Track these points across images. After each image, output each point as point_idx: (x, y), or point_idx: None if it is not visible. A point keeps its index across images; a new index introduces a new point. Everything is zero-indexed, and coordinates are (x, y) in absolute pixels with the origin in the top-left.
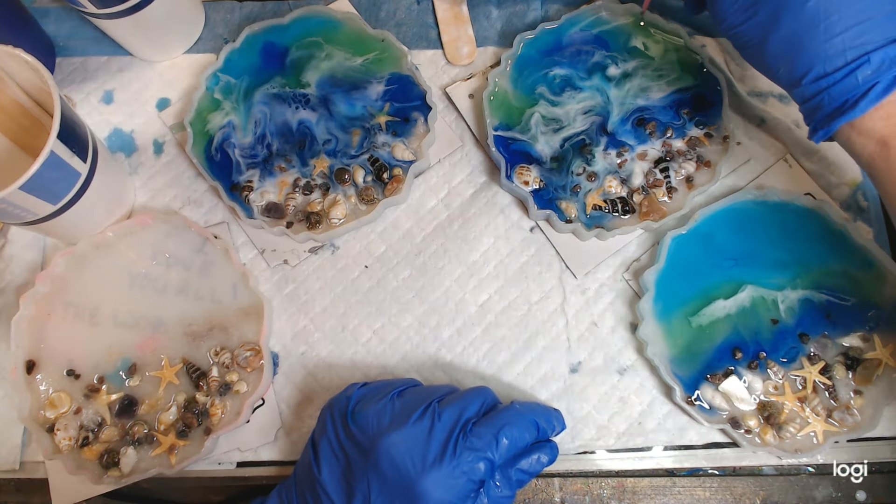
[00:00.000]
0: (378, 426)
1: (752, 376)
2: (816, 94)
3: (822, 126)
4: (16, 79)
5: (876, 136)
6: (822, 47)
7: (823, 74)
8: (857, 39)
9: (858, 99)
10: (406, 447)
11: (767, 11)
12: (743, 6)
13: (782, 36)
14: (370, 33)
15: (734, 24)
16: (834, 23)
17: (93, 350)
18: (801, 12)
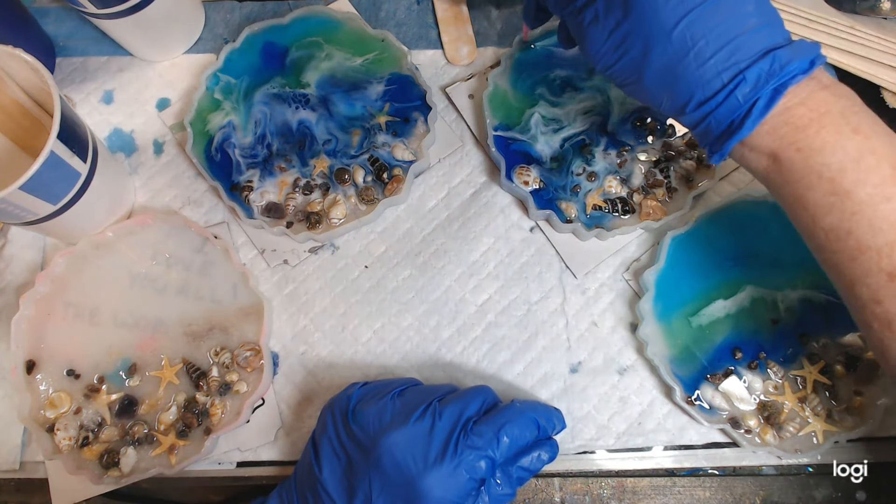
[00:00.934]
0: (379, 425)
1: (752, 376)
2: (702, 119)
3: (715, 149)
4: (16, 79)
5: (766, 150)
6: (696, 74)
7: (704, 100)
8: (728, 60)
9: (743, 118)
10: (407, 446)
11: (637, 48)
12: (613, 45)
13: (657, 69)
14: (370, 33)
15: (608, 65)
16: (703, 48)
17: (93, 350)
18: (668, 44)
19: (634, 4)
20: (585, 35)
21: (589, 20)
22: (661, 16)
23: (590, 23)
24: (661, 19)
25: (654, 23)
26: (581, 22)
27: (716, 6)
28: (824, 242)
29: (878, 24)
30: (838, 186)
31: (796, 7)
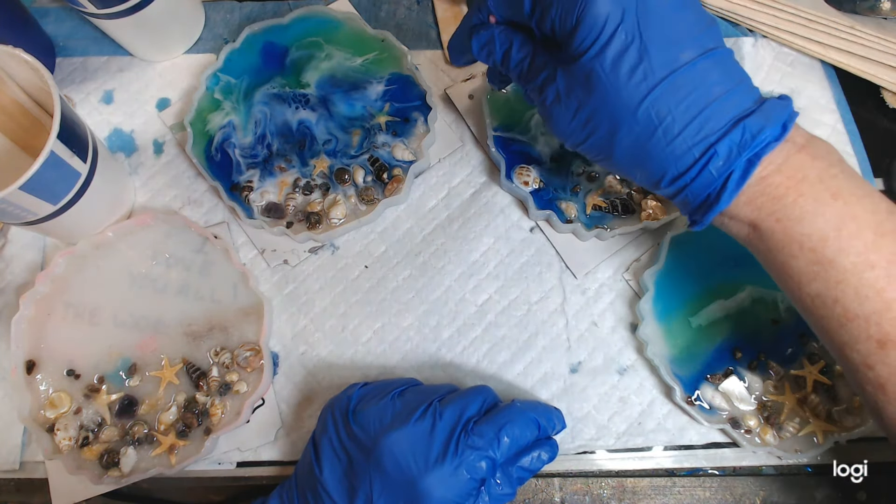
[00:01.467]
0: (379, 425)
1: (752, 376)
2: (678, 192)
3: (696, 220)
4: (16, 79)
5: (745, 220)
6: (667, 151)
7: (678, 175)
8: (698, 135)
9: (719, 192)
10: (408, 446)
11: (604, 127)
12: (579, 124)
13: (626, 147)
14: (370, 33)
15: (576, 143)
16: (670, 124)
17: (93, 350)
18: (634, 122)
19: (596, 85)
20: (549, 114)
21: (551, 99)
22: (623, 95)
23: (552, 102)
24: (624, 98)
25: (618, 102)
26: (544, 101)
27: (678, 81)
28: (811, 308)
29: (878, 24)
30: (821, 256)
31: (796, 7)
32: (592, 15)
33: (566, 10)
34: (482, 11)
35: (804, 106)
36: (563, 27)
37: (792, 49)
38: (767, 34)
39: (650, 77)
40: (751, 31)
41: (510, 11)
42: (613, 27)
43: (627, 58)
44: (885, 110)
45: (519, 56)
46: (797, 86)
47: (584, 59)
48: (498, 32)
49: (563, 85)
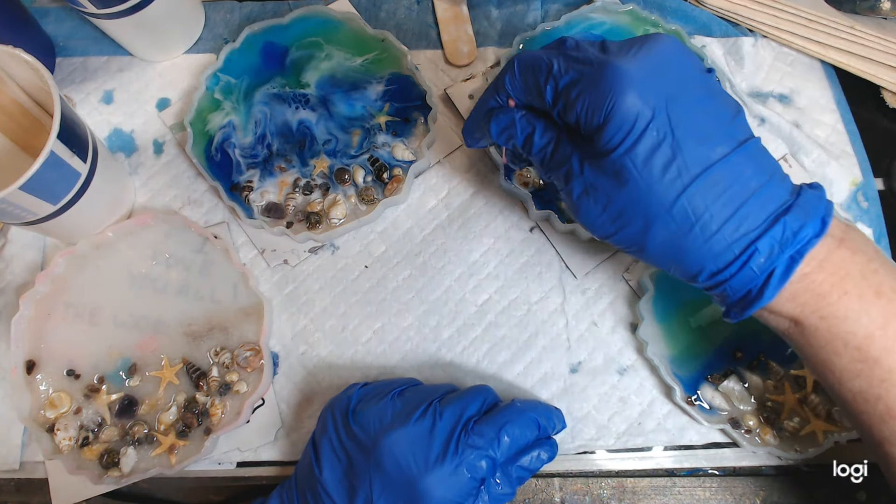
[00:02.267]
0: (379, 425)
1: (752, 376)
2: (716, 286)
3: (735, 313)
4: (16, 79)
5: (787, 315)
6: (704, 248)
7: (717, 271)
8: (737, 232)
9: (761, 288)
10: (408, 445)
11: (636, 223)
12: (610, 218)
13: (660, 243)
14: (370, 33)
15: (606, 235)
16: (707, 221)
17: (93, 350)
18: (669, 219)
19: (627, 181)
20: (577, 207)
21: (578, 192)
22: (657, 192)
23: (580, 195)
24: (658, 195)
25: (651, 199)
26: (570, 193)
27: (714, 177)
28: (851, 403)
29: (878, 24)
30: (866, 354)
31: (796, 7)
32: (622, 112)
33: (593, 106)
34: (500, 94)
35: (804, 106)
36: (590, 122)
37: (792, 49)
38: (767, 34)
39: (685, 174)
40: (751, 31)
41: (530, 98)
42: (644, 124)
43: (660, 154)
44: (885, 110)
45: (542, 142)
46: (797, 86)
47: (613, 155)
48: (519, 117)
49: (591, 179)
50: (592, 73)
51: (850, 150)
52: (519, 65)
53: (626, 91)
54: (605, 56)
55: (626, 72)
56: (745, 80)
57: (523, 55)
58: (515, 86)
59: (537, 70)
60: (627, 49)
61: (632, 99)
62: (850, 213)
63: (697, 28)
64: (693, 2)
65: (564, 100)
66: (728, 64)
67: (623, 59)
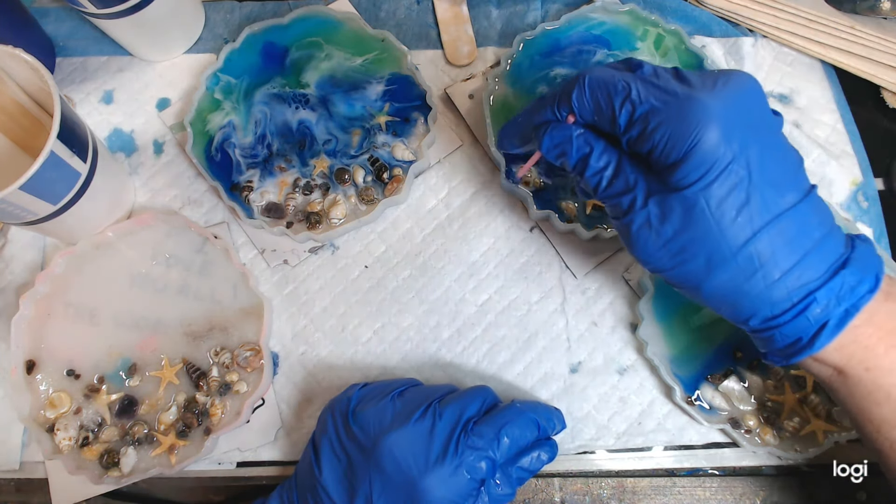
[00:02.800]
0: (379, 426)
1: (752, 376)
2: (766, 330)
3: (779, 359)
4: (16, 79)
5: (832, 364)
6: (764, 294)
7: (771, 317)
8: (798, 281)
9: (812, 337)
10: (408, 446)
11: (698, 262)
12: (670, 253)
13: (720, 284)
14: (370, 33)
15: (661, 269)
16: (771, 268)
17: (93, 350)
18: (734, 262)
19: (698, 219)
20: (635, 238)
21: (639, 224)
22: (727, 234)
23: (640, 226)
24: (728, 238)
25: (720, 241)
26: (629, 224)
27: (782, 225)
28: (888, 452)
29: (878, 24)
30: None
31: (796, 7)
32: (704, 150)
33: (675, 139)
34: (562, 109)
35: (804, 106)
36: (667, 155)
37: (792, 49)
38: (767, 34)
39: (756, 219)
40: (751, 31)
41: (598, 119)
42: (724, 164)
43: (735, 196)
44: (885, 110)
45: (598, 165)
46: (797, 86)
47: (687, 191)
48: (577, 135)
49: (655, 212)
50: (677, 106)
51: (849, 150)
52: (591, 83)
53: (711, 128)
54: (689, 89)
55: (712, 108)
56: None
57: (595, 73)
58: (583, 104)
59: (613, 92)
60: (711, 84)
61: (716, 137)
62: (850, 213)
63: (697, 28)
64: (693, 2)
65: (640, 128)
66: (728, 64)
67: (709, 94)
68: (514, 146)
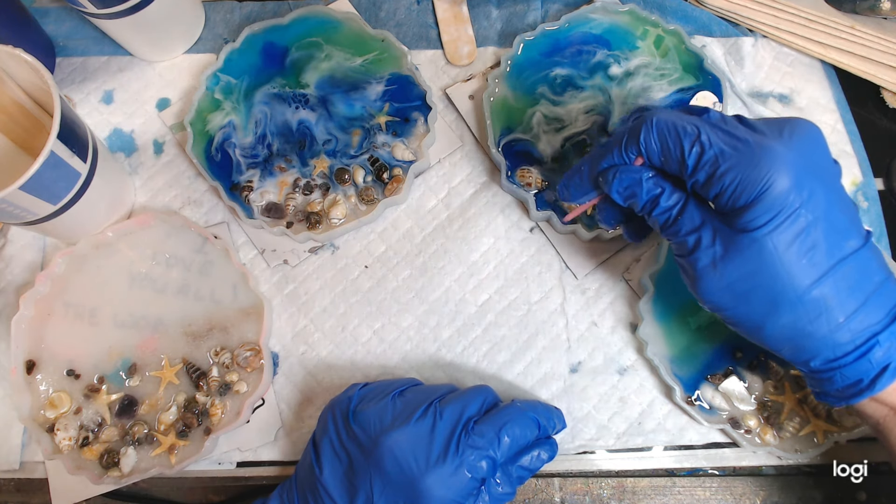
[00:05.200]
0: (380, 425)
1: (752, 376)
2: (826, 371)
3: (835, 400)
4: (16, 79)
5: (889, 404)
6: (828, 337)
7: (833, 359)
8: (861, 324)
9: (874, 379)
10: (409, 445)
11: (762, 302)
12: (733, 294)
13: (783, 325)
14: (370, 33)
15: (724, 307)
16: (836, 311)
17: (93, 350)
18: (799, 304)
19: (766, 262)
20: (700, 276)
21: (704, 263)
22: (793, 276)
23: (705, 266)
24: (795, 281)
25: (787, 283)
26: (694, 263)
27: (846, 270)
28: None
29: (878, 24)
30: None
31: (796, 7)
32: (775, 195)
33: (746, 183)
34: (628, 151)
35: (804, 106)
36: (736, 198)
37: (792, 49)
38: (767, 34)
39: (822, 263)
40: (751, 31)
41: (666, 161)
42: (793, 209)
43: (802, 241)
44: (885, 110)
45: (668, 204)
46: (797, 86)
47: (757, 233)
48: (647, 178)
49: (721, 252)
50: (748, 151)
51: (849, 150)
52: (658, 124)
53: (783, 175)
54: (759, 136)
55: (784, 156)
56: (745, 80)
57: (663, 115)
58: (651, 145)
59: (682, 134)
60: (779, 131)
61: (788, 183)
62: None
63: (697, 28)
64: (693, 2)
65: (710, 171)
66: (728, 64)
67: (778, 142)
68: (579, 194)
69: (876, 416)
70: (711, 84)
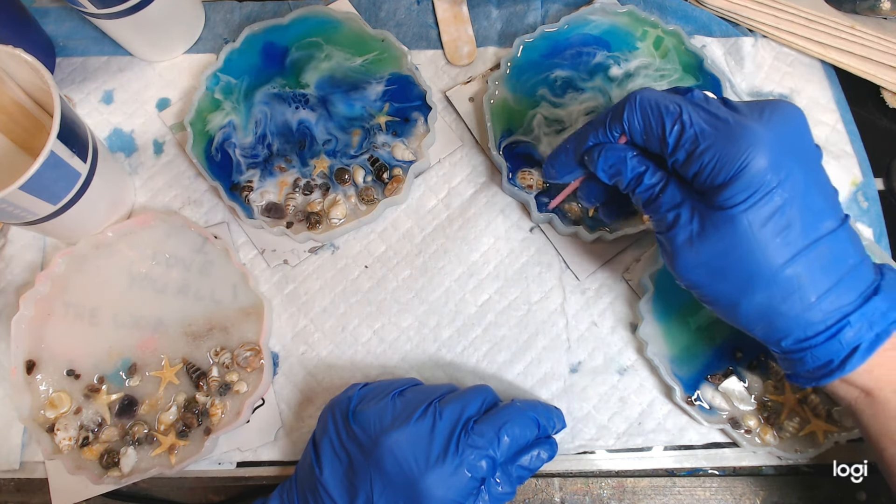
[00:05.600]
0: (380, 425)
1: (752, 376)
2: (797, 352)
3: (806, 381)
4: (16, 79)
5: (860, 385)
6: (801, 316)
7: (804, 338)
8: (833, 304)
9: (843, 360)
10: (409, 445)
11: (736, 279)
12: (708, 271)
13: (757, 303)
14: (370, 33)
15: (699, 284)
16: (808, 290)
17: (93, 350)
18: (772, 283)
19: (740, 239)
20: (677, 252)
21: (682, 240)
22: (768, 255)
23: (682, 242)
24: (769, 258)
25: (761, 261)
26: (672, 239)
27: (820, 250)
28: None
29: (878, 24)
30: None
31: (796, 7)
32: (752, 173)
33: (723, 161)
34: (614, 130)
35: (804, 106)
36: (714, 177)
37: (792, 49)
38: (767, 34)
39: (796, 242)
40: (751, 31)
41: (648, 139)
42: (770, 188)
43: (778, 219)
44: (885, 110)
45: (651, 182)
46: (797, 86)
47: (732, 210)
48: (631, 156)
49: (698, 229)
50: (728, 130)
51: (849, 150)
52: (641, 102)
53: (761, 154)
54: (740, 116)
55: (762, 136)
56: (745, 80)
57: (646, 93)
58: (634, 122)
59: (665, 112)
60: (759, 112)
61: (764, 162)
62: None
63: (697, 28)
64: (693, 2)
65: (690, 148)
66: (728, 64)
67: (758, 122)
68: (564, 173)
69: (847, 398)
70: (711, 84)
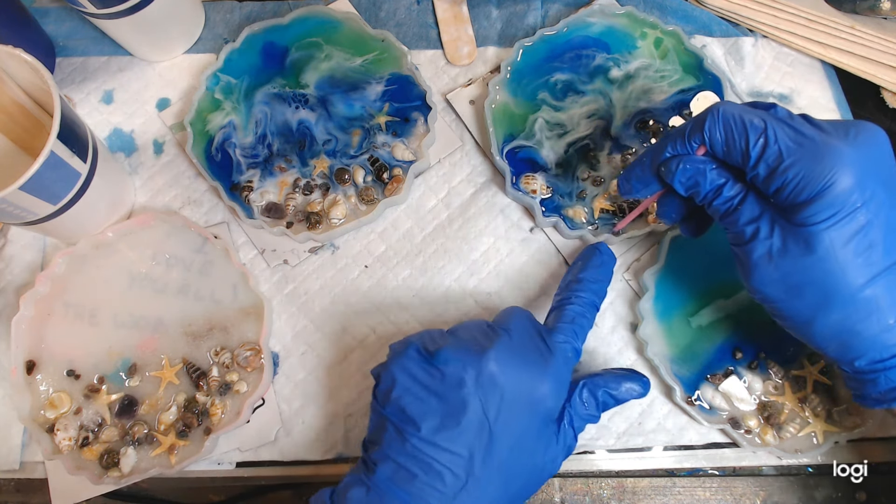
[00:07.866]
0: (466, 354)
1: (752, 376)
2: (870, 373)
3: (875, 402)
4: (16, 79)
5: None
6: (877, 337)
7: (879, 360)
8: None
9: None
10: (512, 357)
11: (813, 297)
12: (785, 286)
13: (831, 321)
14: (370, 33)
15: (774, 300)
16: (886, 312)
17: (93, 350)
18: (850, 302)
19: (822, 257)
20: (754, 266)
21: (759, 253)
22: (849, 274)
23: (760, 256)
24: (849, 278)
25: (841, 280)
26: (749, 252)
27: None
28: None
29: (878, 24)
30: None
31: (797, 7)
32: (837, 192)
33: (808, 178)
34: (692, 139)
35: (804, 106)
36: (797, 193)
37: (792, 49)
38: (767, 34)
39: (878, 262)
40: (751, 31)
41: (729, 152)
42: (854, 208)
43: (860, 240)
44: (885, 110)
45: (730, 194)
46: (797, 86)
47: (814, 228)
48: (710, 168)
49: (778, 244)
50: (813, 148)
51: None
52: (724, 115)
53: (846, 173)
54: (824, 135)
55: (849, 155)
56: (745, 80)
57: (729, 108)
58: (716, 136)
59: (749, 127)
60: (845, 132)
61: (850, 182)
62: None
63: (697, 28)
64: (693, 2)
65: (773, 164)
66: (728, 64)
67: (844, 141)
68: (641, 187)
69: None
70: (712, 84)
